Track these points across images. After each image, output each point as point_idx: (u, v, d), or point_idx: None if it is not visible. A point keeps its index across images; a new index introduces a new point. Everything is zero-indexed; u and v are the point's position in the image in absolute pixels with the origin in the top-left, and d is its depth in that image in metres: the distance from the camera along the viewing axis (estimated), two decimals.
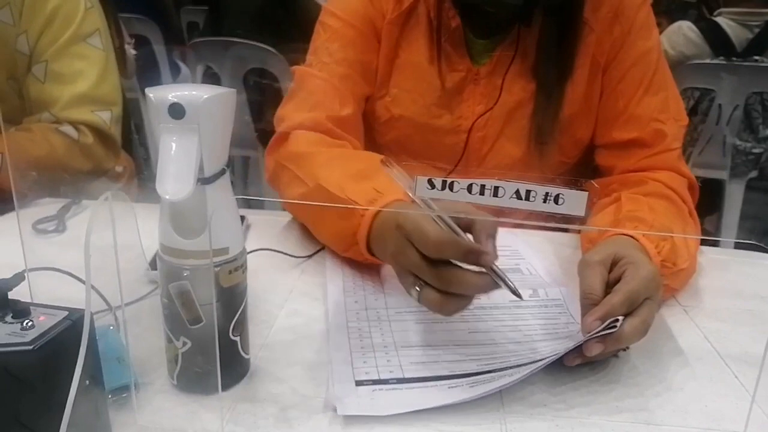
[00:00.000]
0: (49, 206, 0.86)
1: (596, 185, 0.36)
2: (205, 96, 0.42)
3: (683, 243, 0.69)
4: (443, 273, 0.51)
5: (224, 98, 0.44)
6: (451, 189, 0.36)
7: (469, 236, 0.53)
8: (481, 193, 0.36)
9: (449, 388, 0.51)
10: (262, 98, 2.21)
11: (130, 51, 1.28)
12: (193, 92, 0.42)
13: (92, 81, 1.00)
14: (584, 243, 0.74)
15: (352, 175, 0.67)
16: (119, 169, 1.18)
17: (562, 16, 0.81)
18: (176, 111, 0.41)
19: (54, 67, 0.99)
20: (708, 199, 2.29)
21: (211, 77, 2.28)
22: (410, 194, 0.48)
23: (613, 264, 0.58)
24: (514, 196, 0.36)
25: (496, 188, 0.36)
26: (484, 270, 0.51)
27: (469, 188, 0.36)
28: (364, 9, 0.86)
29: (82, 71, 1.00)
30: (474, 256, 0.50)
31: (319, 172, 0.71)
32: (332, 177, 0.69)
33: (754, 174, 2.16)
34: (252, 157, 2.29)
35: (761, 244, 0.67)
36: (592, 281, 0.55)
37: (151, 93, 0.42)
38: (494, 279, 0.51)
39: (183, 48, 3.02)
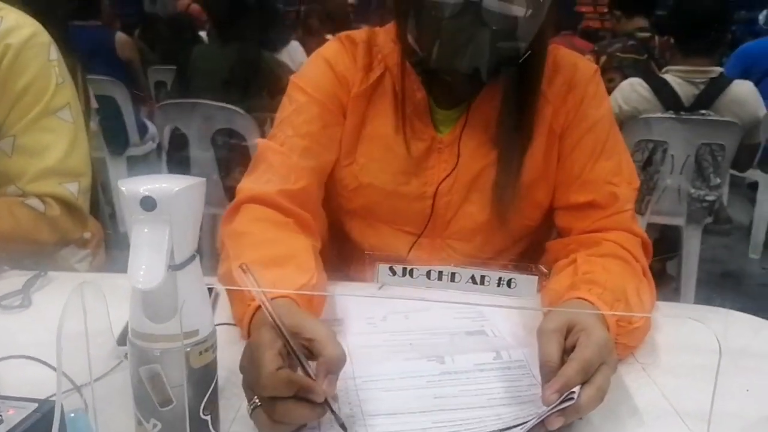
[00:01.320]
0: (14, 279, 0.86)
1: (545, 270, 0.39)
2: (176, 189, 0.43)
3: (638, 301, 0.72)
4: (278, 405, 0.53)
5: (195, 189, 0.45)
6: (411, 275, 0.38)
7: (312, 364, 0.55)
8: (439, 278, 0.39)
9: None
10: (230, 156, 2.24)
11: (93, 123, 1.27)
12: (164, 185, 0.44)
13: (61, 154, 1.00)
14: (544, 301, 0.76)
15: (263, 261, 0.69)
16: (87, 235, 1.18)
17: (519, 86, 0.86)
18: (148, 204, 0.43)
19: (21, 141, 0.98)
20: (668, 244, 2.37)
21: (179, 138, 2.30)
22: (262, 303, 0.53)
23: (568, 331, 0.60)
24: (470, 281, 0.38)
25: (453, 274, 0.38)
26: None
27: (428, 274, 0.38)
28: (330, 84, 0.90)
29: (50, 144, 1.00)
30: (307, 392, 0.53)
31: (242, 254, 0.72)
32: (246, 260, 0.71)
33: (709, 220, 2.25)
34: (219, 214, 2.30)
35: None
36: (548, 350, 0.58)
37: (123, 186, 0.44)
38: (327, 408, 0.54)
39: (151, 107, 3.04)
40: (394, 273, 0.40)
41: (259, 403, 0.54)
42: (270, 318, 0.54)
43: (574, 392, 0.53)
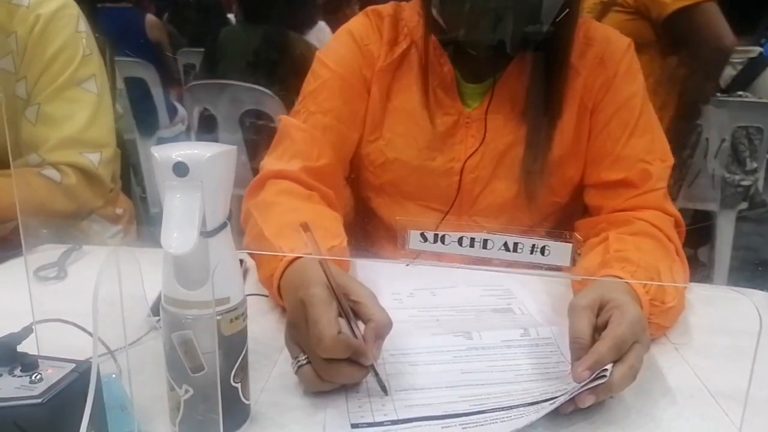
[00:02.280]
0: (49, 252, 0.88)
1: (580, 237, 0.38)
2: (208, 155, 0.44)
3: (671, 280, 0.71)
4: (330, 366, 0.55)
5: (226, 156, 0.46)
6: (443, 242, 0.38)
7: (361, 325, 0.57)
8: (471, 245, 0.38)
9: (442, 428, 0.53)
10: (258, 138, 2.25)
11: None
12: (196, 151, 0.44)
13: (82, 124, 1.01)
14: (574, 283, 0.75)
15: (293, 226, 0.69)
16: (119, 211, 1.20)
17: (548, 59, 0.84)
18: (180, 169, 0.43)
19: (45, 110, 1.00)
20: (700, 231, 2.32)
21: (208, 119, 2.32)
22: (321, 263, 0.56)
23: (600, 308, 0.59)
24: (503, 247, 0.38)
25: (485, 241, 0.38)
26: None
27: (460, 241, 0.38)
28: (354, 59, 0.90)
29: (72, 114, 1.01)
30: (359, 356, 0.55)
31: (271, 220, 0.74)
32: (276, 225, 0.72)
33: (744, 205, 2.20)
34: None
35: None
36: (579, 326, 0.57)
37: (156, 152, 0.44)
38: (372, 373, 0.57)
39: (180, 90, 3.07)
40: (425, 239, 0.39)
41: (305, 361, 0.56)
42: (326, 278, 0.56)
43: (606, 370, 0.53)
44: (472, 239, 0.38)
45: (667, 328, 0.71)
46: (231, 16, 3.54)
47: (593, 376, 0.53)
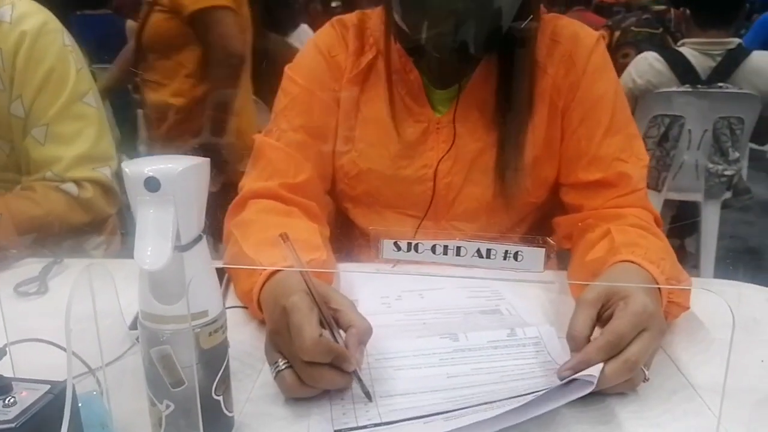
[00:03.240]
0: (30, 266, 0.87)
1: (552, 242, 0.39)
2: (180, 168, 0.43)
3: (676, 260, 0.71)
4: (311, 370, 0.55)
5: (198, 169, 0.45)
6: (416, 250, 0.38)
7: (342, 333, 0.58)
8: (445, 253, 0.38)
9: (425, 423, 0.53)
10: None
11: None
12: (168, 165, 0.44)
13: (91, 140, 1.04)
14: (574, 289, 0.75)
15: (271, 241, 0.69)
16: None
17: (514, 60, 0.83)
18: (152, 184, 0.43)
19: (54, 130, 1.02)
20: (686, 221, 2.34)
21: None
22: (301, 272, 0.56)
23: (608, 300, 0.59)
24: (476, 254, 0.38)
25: (458, 248, 0.38)
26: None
27: (433, 249, 0.38)
28: (322, 72, 0.89)
29: (81, 132, 1.04)
30: (341, 361, 0.56)
31: (250, 237, 0.74)
32: (255, 241, 0.73)
33: (728, 195, 2.22)
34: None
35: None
36: (576, 321, 0.58)
37: (127, 167, 0.44)
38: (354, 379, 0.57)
39: None
40: (398, 248, 0.39)
41: (284, 366, 0.56)
42: (307, 285, 0.57)
43: (594, 376, 0.53)
44: (446, 246, 0.38)
45: (687, 308, 0.70)
46: None
47: (579, 374, 0.53)
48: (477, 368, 0.62)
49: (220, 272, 0.80)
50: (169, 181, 0.43)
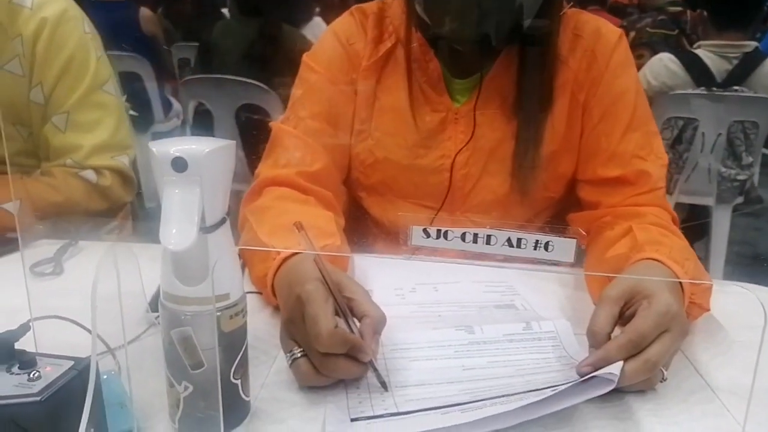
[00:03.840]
0: (45, 248, 0.87)
1: (583, 232, 0.38)
2: (207, 150, 0.43)
3: (698, 261, 0.71)
4: (327, 360, 0.55)
5: (225, 151, 0.45)
6: (445, 238, 0.38)
7: (357, 323, 0.57)
8: (474, 241, 0.38)
9: (442, 414, 0.53)
10: (254, 133, 2.24)
11: None
12: (195, 146, 0.43)
13: (111, 129, 1.05)
14: (592, 286, 0.75)
15: (287, 226, 0.69)
16: None
17: (535, 52, 0.83)
18: (179, 165, 0.43)
19: (75, 118, 1.02)
20: (697, 225, 2.33)
21: (203, 114, 2.31)
22: (316, 259, 0.56)
23: (631, 298, 0.59)
24: (506, 243, 0.38)
25: (489, 237, 0.37)
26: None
27: (463, 237, 0.38)
28: (340, 60, 0.89)
29: (101, 120, 1.04)
30: (356, 351, 0.55)
31: (265, 223, 0.74)
32: (270, 227, 0.73)
33: (739, 200, 2.20)
34: (244, 190, 2.31)
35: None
36: (597, 317, 0.57)
37: (155, 147, 0.44)
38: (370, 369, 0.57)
39: (174, 84, 3.05)
40: (428, 235, 0.39)
41: (299, 355, 0.56)
42: (321, 274, 0.56)
43: (615, 374, 0.52)
44: (475, 235, 0.38)
45: (707, 310, 0.70)
46: (225, 11, 3.52)
47: (599, 372, 0.53)
48: (493, 361, 0.61)
49: None
50: (195, 162, 0.43)
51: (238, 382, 0.51)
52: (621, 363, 0.54)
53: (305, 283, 0.57)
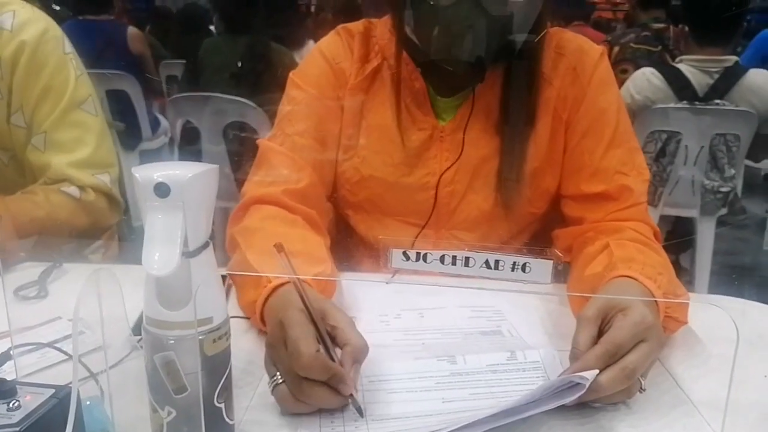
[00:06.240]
0: (29, 270, 0.87)
1: (559, 254, 0.39)
2: (189, 175, 0.44)
3: (674, 275, 0.72)
4: (306, 386, 0.55)
5: (207, 175, 0.46)
6: (425, 260, 0.38)
7: (338, 350, 0.57)
8: (453, 263, 0.38)
9: None
10: (241, 150, 2.24)
11: None
12: (177, 171, 0.44)
13: (91, 148, 1.04)
14: (573, 302, 0.75)
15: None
16: None
17: (520, 71, 0.85)
18: (161, 190, 0.43)
19: (52, 137, 1.02)
20: (681, 237, 2.35)
21: (191, 131, 2.31)
22: (295, 284, 0.56)
23: (606, 314, 0.60)
24: (484, 265, 0.38)
25: (467, 258, 0.38)
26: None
27: (442, 259, 0.38)
28: (327, 79, 0.90)
29: (81, 139, 1.03)
30: (337, 381, 0.54)
31: (254, 245, 0.74)
32: (260, 251, 0.72)
33: (723, 211, 2.23)
34: (231, 208, 2.31)
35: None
36: (578, 337, 0.58)
37: (137, 172, 0.44)
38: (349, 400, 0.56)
39: (162, 102, 3.06)
40: (407, 258, 0.39)
41: (281, 381, 0.56)
42: (302, 301, 0.56)
43: (586, 378, 0.53)
44: (454, 257, 0.38)
45: (684, 323, 0.70)
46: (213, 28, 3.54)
47: (573, 376, 0.53)
48: (474, 393, 0.60)
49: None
50: (178, 187, 0.43)
51: (222, 405, 0.51)
52: (596, 370, 0.54)
53: (288, 309, 0.57)
